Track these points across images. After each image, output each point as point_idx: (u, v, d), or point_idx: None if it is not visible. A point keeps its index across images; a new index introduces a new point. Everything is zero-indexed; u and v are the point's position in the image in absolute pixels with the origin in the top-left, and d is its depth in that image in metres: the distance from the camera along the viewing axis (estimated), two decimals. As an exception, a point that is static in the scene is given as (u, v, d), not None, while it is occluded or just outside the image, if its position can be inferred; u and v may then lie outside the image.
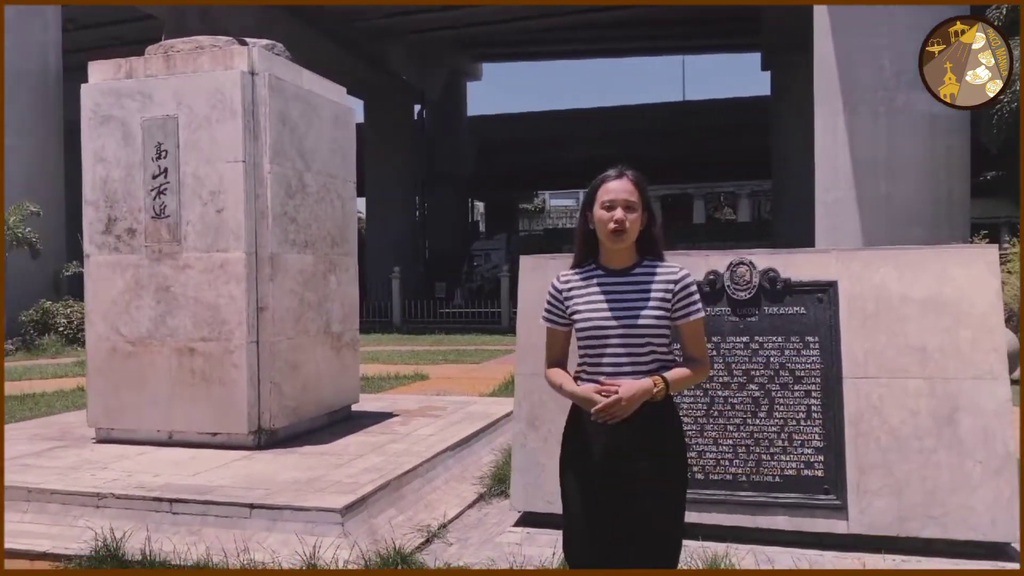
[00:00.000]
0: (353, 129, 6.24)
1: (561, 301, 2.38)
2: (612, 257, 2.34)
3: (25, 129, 17.57)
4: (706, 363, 2.38)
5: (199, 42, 5.38)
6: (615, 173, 2.36)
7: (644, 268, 2.33)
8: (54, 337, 15.46)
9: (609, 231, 2.28)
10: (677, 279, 2.31)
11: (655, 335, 2.26)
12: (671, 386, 2.23)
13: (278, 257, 5.27)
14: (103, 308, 5.44)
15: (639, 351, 2.24)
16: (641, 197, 2.32)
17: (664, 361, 2.28)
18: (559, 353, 2.42)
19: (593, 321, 2.28)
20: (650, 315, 2.24)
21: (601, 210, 2.30)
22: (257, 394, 5.15)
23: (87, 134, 5.44)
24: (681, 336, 2.34)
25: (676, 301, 2.29)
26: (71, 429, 5.97)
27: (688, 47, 40.97)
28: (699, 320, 2.32)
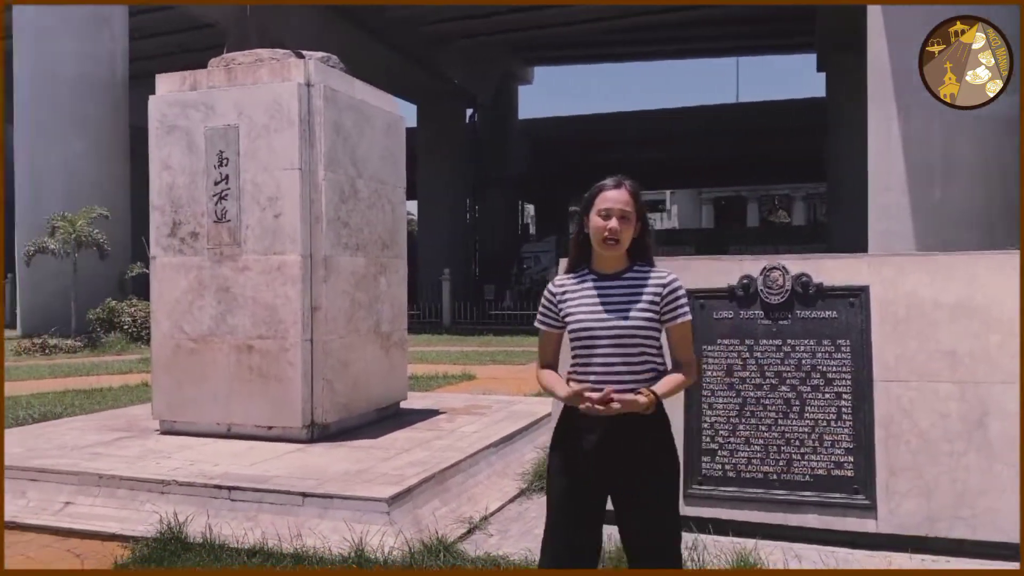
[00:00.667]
0: (403, 137, 6.47)
1: (555, 304, 2.48)
2: (604, 263, 2.44)
3: (93, 135, 18.34)
4: (694, 366, 2.46)
5: (259, 55, 5.66)
6: (613, 183, 2.44)
7: (634, 273, 2.43)
8: (119, 335, 16.09)
9: (602, 239, 2.37)
10: (666, 283, 2.40)
11: (645, 336, 2.35)
12: (661, 397, 2.33)
13: (331, 259, 5.52)
14: (168, 307, 5.76)
15: (631, 352, 2.34)
16: (636, 207, 2.41)
17: (655, 363, 2.38)
18: (551, 356, 2.53)
19: (584, 323, 2.37)
20: (639, 316, 2.34)
21: (597, 217, 2.39)
22: (310, 390, 5.41)
23: (154, 143, 5.77)
24: (670, 339, 2.43)
25: (664, 304, 2.38)
26: (137, 421, 6.31)
27: (742, 48, 40.53)
28: (686, 323, 2.41)
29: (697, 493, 3.84)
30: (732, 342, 3.91)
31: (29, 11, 18.49)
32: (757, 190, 59.64)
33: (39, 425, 6.51)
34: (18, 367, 12.70)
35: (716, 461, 3.85)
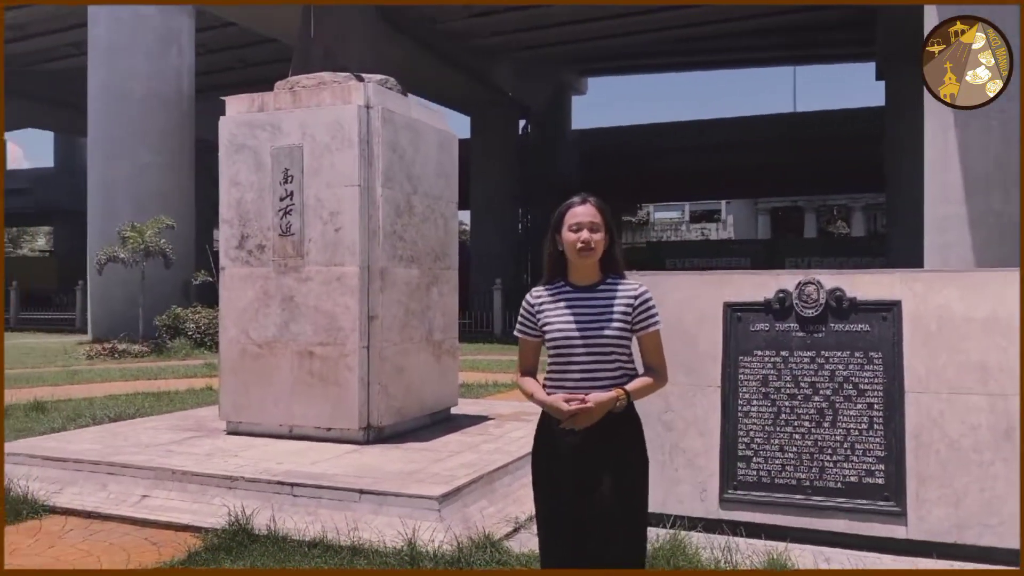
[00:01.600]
0: (455, 153, 6.76)
1: (533, 315, 2.64)
2: (579, 274, 2.61)
3: (161, 148, 19.12)
4: (663, 372, 2.62)
5: (322, 78, 6.01)
6: (579, 200, 2.64)
7: (607, 285, 2.59)
8: (184, 340, 16.73)
9: (577, 249, 2.55)
10: (637, 294, 2.57)
11: (618, 345, 2.52)
12: (632, 396, 2.50)
13: (387, 271, 5.82)
14: (235, 314, 6.13)
15: (604, 359, 2.51)
16: (603, 219, 2.59)
17: (627, 370, 2.55)
18: (530, 363, 2.69)
19: (562, 332, 2.53)
20: (613, 327, 2.51)
21: (569, 232, 2.57)
22: (367, 394, 5.71)
23: (224, 161, 6.16)
24: (641, 346, 2.60)
25: (636, 314, 2.55)
26: (205, 422, 6.70)
27: (800, 57, 40.13)
28: (656, 332, 2.58)
29: (732, 497, 4.01)
30: (768, 353, 4.08)
31: (102, 30, 19.40)
32: (815, 200, 58.76)
33: (115, 424, 6.94)
34: (90, 370, 13.36)
35: (751, 467, 4.01)
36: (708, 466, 4.10)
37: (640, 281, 2.64)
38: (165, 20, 19.34)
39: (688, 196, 60.93)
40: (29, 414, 8.14)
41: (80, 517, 4.77)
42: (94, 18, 19.62)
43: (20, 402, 8.67)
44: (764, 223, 60.31)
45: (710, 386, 4.17)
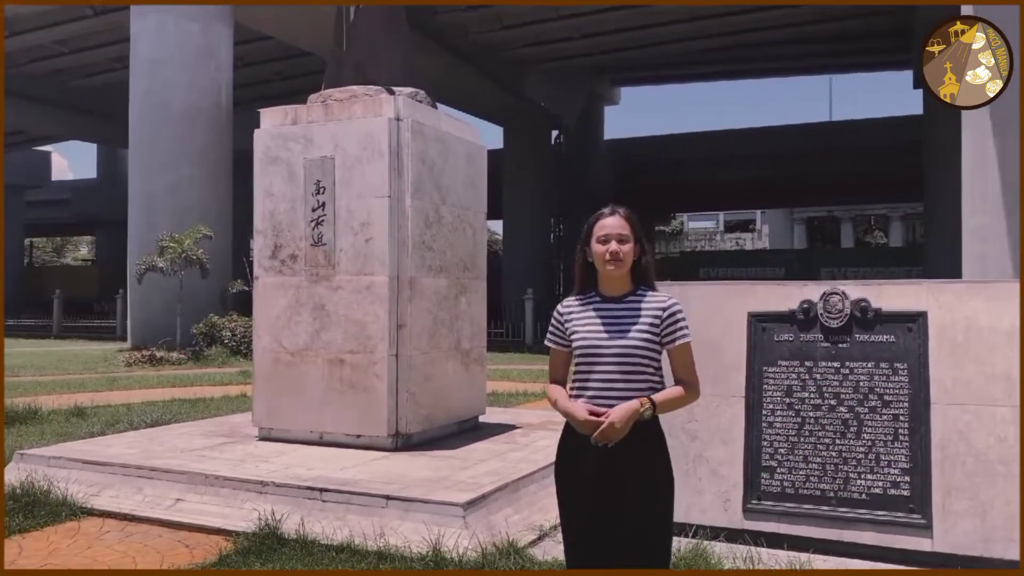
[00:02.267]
0: (484, 165, 6.84)
1: (563, 324, 2.66)
2: (609, 285, 2.62)
3: (199, 160, 19.51)
4: (695, 386, 2.59)
5: (353, 91, 6.13)
6: (608, 211, 2.65)
7: (636, 296, 2.60)
8: (220, 348, 17.02)
9: (605, 260, 2.56)
10: (665, 307, 2.57)
11: (644, 356, 2.51)
12: (658, 407, 2.47)
13: (416, 281, 5.91)
14: (268, 323, 6.26)
15: (627, 370, 2.50)
16: (632, 230, 2.60)
17: (653, 382, 2.53)
18: (560, 372, 2.69)
19: (588, 340, 2.55)
20: (639, 337, 2.51)
21: (597, 244, 2.59)
22: (396, 401, 5.79)
23: (258, 172, 6.30)
24: (672, 360, 2.59)
25: (664, 327, 2.55)
26: (238, 428, 6.83)
27: (835, 66, 39.77)
28: (686, 345, 2.56)
29: (755, 508, 4.01)
30: (792, 364, 4.08)
31: (144, 46, 19.87)
32: (851, 210, 58.03)
33: (151, 430, 7.10)
34: (129, 377, 13.65)
35: (775, 478, 4.01)
36: (732, 476, 4.11)
37: (670, 294, 2.65)
38: (204, 35, 19.75)
39: (723, 206, 60.52)
40: (70, 419, 8.36)
41: (117, 519, 4.90)
42: (136, 33, 20.11)
43: (61, 407, 8.91)
44: (800, 233, 59.69)
45: (734, 396, 4.18)
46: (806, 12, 26.47)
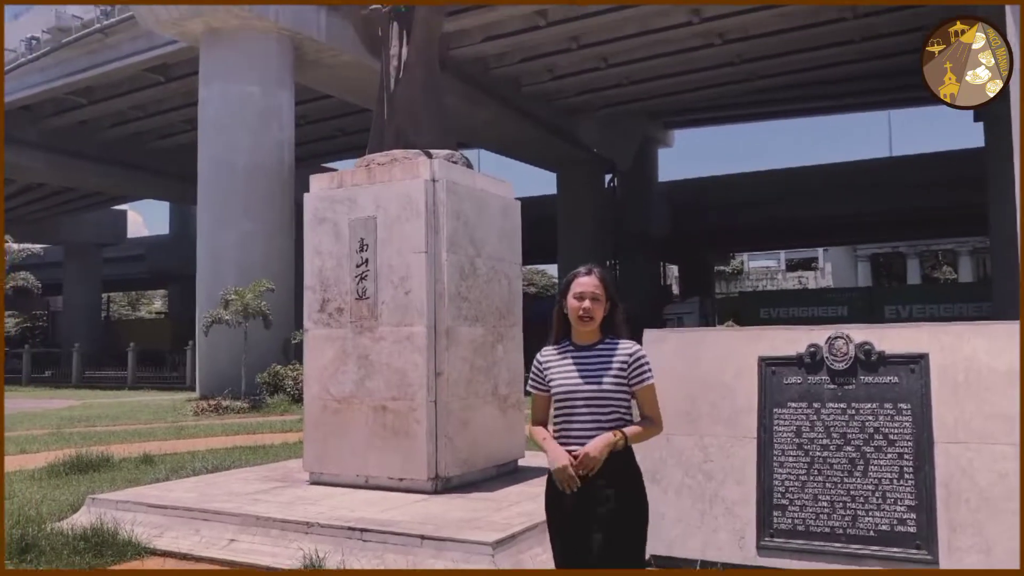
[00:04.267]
0: (518, 218, 7.18)
1: (541, 372, 2.98)
2: (580, 336, 2.95)
3: (263, 216, 20.43)
4: (658, 421, 2.95)
5: (393, 155, 6.57)
6: (585, 271, 2.99)
7: (605, 345, 2.94)
8: (282, 396, 17.62)
9: (578, 317, 2.90)
10: (631, 352, 2.92)
11: (615, 398, 2.85)
12: (630, 439, 2.80)
13: (453, 330, 6.24)
14: (317, 373, 6.66)
15: (603, 412, 2.84)
16: (605, 290, 2.93)
17: (625, 420, 2.87)
18: (542, 415, 3.03)
19: (565, 387, 2.88)
20: (609, 381, 2.85)
21: (573, 299, 2.92)
22: (435, 446, 6.09)
23: (308, 232, 6.76)
24: (638, 400, 2.91)
25: (631, 371, 2.88)
26: (291, 473, 7.20)
27: (894, 101, 39.39)
28: (650, 386, 2.90)
29: (769, 545, 4.16)
30: (801, 405, 4.25)
31: (211, 109, 21.03)
32: (917, 245, 56.79)
33: (212, 475, 7.53)
34: (196, 426, 14.28)
35: (787, 516, 4.17)
36: (745, 514, 4.28)
37: (634, 342, 2.98)
38: (266, 97, 20.81)
39: (783, 244, 59.85)
40: (139, 466, 8.86)
41: (176, 558, 5.28)
42: (204, 98, 21.31)
43: (132, 455, 9.44)
44: (864, 270, 58.52)
45: (747, 437, 4.37)
46: (855, 51, 26.48)
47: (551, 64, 27.45)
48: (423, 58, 6.71)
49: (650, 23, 23.85)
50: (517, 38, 24.58)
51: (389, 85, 6.76)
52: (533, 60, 26.71)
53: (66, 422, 15.35)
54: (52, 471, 8.30)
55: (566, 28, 23.76)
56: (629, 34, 24.53)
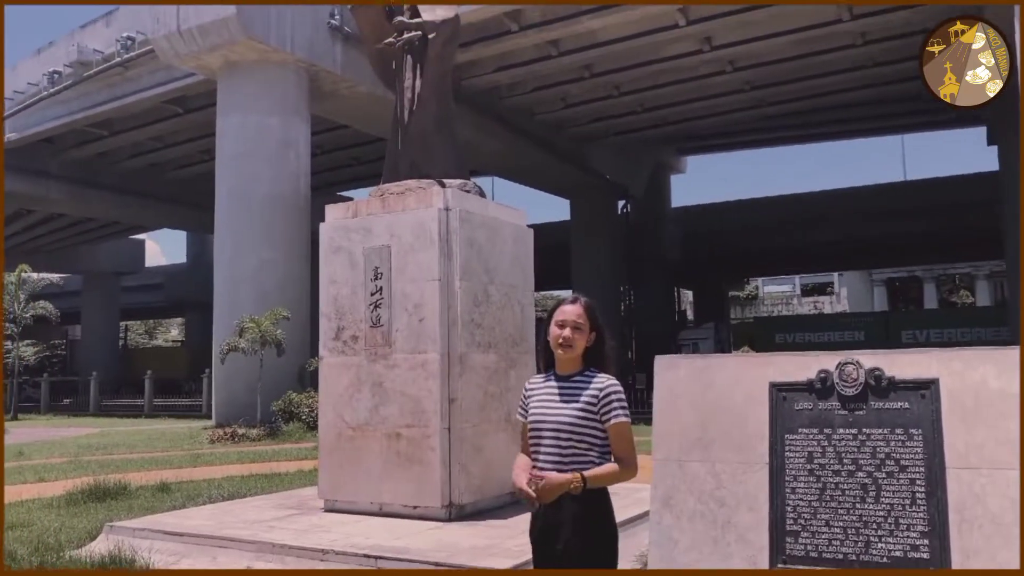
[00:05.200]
0: (531, 245, 7.26)
1: (526, 399, 2.98)
2: (561, 365, 2.93)
3: (279, 244, 20.62)
4: (630, 463, 2.84)
5: (407, 185, 6.68)
6: (571, 299, 2.96)
7: (583, 376, 2.89)
8: (297, 424, 17.66)
9: (557, 344, 2.87)
10: (602, 387, 2.84)
11: (578, 431, 2.78)
12: (589, 481, 2.71)
13: (466, 356, 6.30)
14: (332, 400, 6.72)
15: (562, 445, 2.78)
16: (589, 320, 2.90)
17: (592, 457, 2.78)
18: (525, 442, 2.97)
19: (535, 416, 2.87)
20: (572, 414, 2.79)
21: (554, 327, 2.89)
22: (448, 473, 6.13)
23: (324, 261, 6.87)
24: (610, 437, 2.84)
25: (601, 406, 2.82)
26: (306, 501, 7.24)
27: (907, 125, 39.38)
28: (620, 424, 2.81)
29: (782, 572, 4.16)
30: (812, 431, 4.26)
31: (228, 140, 21.33)
32: (933, 269, 56.42)
33: (228, 503, 7.59)
34: (212, 453, 14.34)
35: (799, 542, 4.16)
36: (758, 541, 4.27)
37: (612, 377, 2.92)
38: (283, 128, 21.09)
39: (798, 269, 59.64)
40: (156, 494, 8.92)
41: (192, 585, 5.32)
42: (221, 129, 21.62)
43: (149, 483, 9.51)
44: (880, 295, 58.14)
45: (758, 463, 4.37)
46: (866, 76, 26.56)
47: (563, 93, 27.67)
48: (436, 90, 6.84)
49: (661, 51, 24.05)
50: (529, 68, 24.82)
51: (403, 117, 6.88)
52: (545, 89, 26.94)
53: (84, 450, 15.47)
54: (70, 499, 8.38)
55: (578, 57, 23.99)
56: (640, 62, 24.73)
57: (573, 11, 20.92)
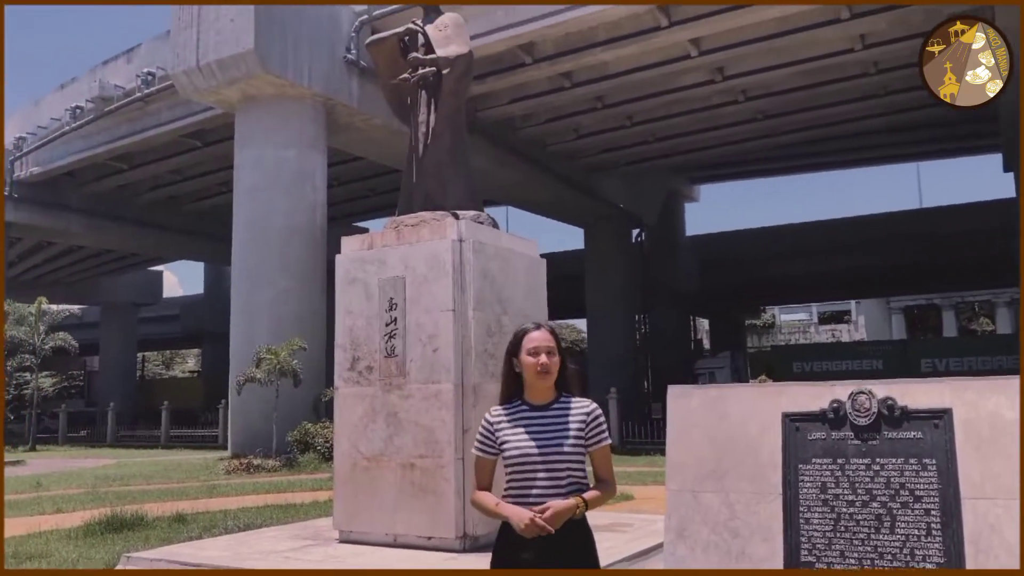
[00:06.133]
0: (543, 276, 7.31)
1: (493, 434, 2.86)
2: (537, 394, 2.88)
3: (296, 275, 20.79)
4: (613, 484, 2.88)
5: (422, 217, 6.76)
6: (534, 326, 2.96)
7: (561, 404, 2.87)
8: (313, 454, 17.68)
9: (537, 372, 2.82)
10: (588, 412, 2.86)
11: (573, 462, 2.78)
12: (588, 505, 2.75)
13: (480, 386, 6.33)
14: (347, 430, 6.76)
15: (560, 476, 2.76)
16: (556, 343, 2.90)
17: (579, 481, 2.79)
18: (487, 480, 2.90)
19: (520, 450, 2.77)
20: (569, 444, 2.78)
21: (527, 356, 2.85)
22: (463, 504, 6.13)
23: (340, 292, 6.94)
24: (593, 461, 2.85)
25: (589, 431, 2.83)
26: (321, 531, 7.26)
27: (923, 153, 39.36)
28: (606, 447, 2.84)
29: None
30: (825, 461, 4.25)
31: (245, 173, 21.62)
32: (952, 297, 56.03)
33: (243, 534, 7.61)
34: (228, 484, 14.38)
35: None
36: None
37: (589, 400, 2.94)
38: (300, 161, 21.37)
39: (814, 298, 59.41)
40: (172, 525, 8.97)
41: (208, 617, 5.34)
42: (239, 162, 21.93)
43: (165, 514, 9.55)
44: (898, 323, 57.74)
45: (771, 494, 4.36)
46: (879, 104, 26.62)
47: (576, 123, 27.89)
48: (450, 124, 6.95)
49: (673, 82, 24.23)
50: (542, 99, 25.05)
51: (418, 150, 6.99)
52: (558, 120, 27.17)
53: (101, 481, 15.55)
54: (88, 530, 8.43)
55: (590, 89, 24.21)
56: (652, 93, 24.91)
57: (585, 43, 21.15)
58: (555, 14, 19.82)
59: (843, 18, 19.46)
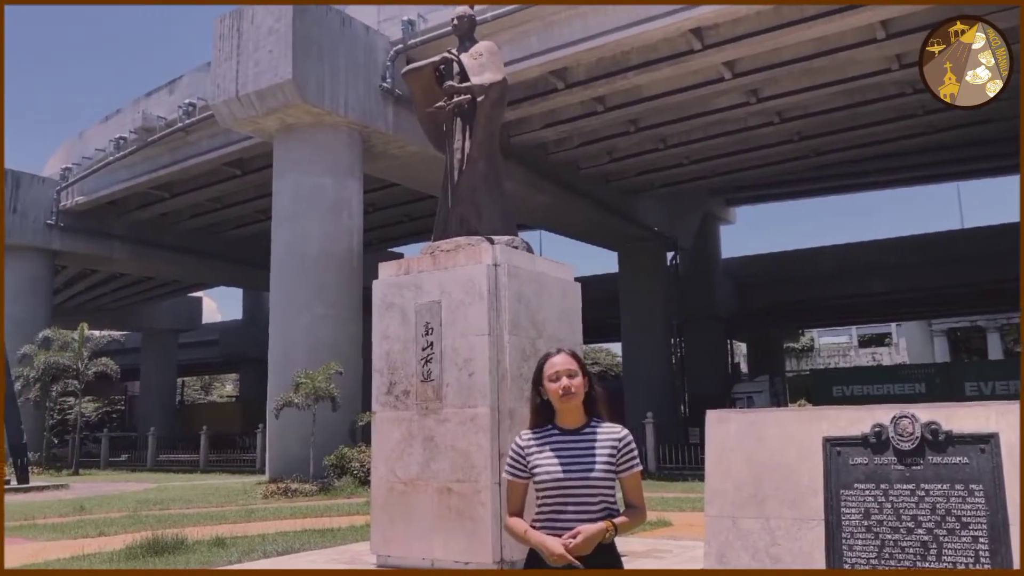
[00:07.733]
0: (579, 300, 7.32)
1: (524, 458, 2.86)
2: (567, 418, 2.87)
3: (332, 301, 21.01)
4: (643, 510, 2.88)
5: (458, 242, 6.83)
6: (555, 351, 2.97)
7: (591, 427, 2.87)
8: (349, 479, 17.73)
9: (560, 395, 2.83)
10: (620, 437, 2.85)
11: (604, 486, 2.78)
12: (618, 530, 2.75)
13: (515, 410, 6.34)
14: (384, 454, 6.80)
15: (591, 500, 2.76)
16: (579, 365, 2.90)
17: (610, 506, 2.79)
18: (519, 502, 2.90)
19: (551, 475, 2.76)
20: (600, 470, 2.77)
21: (549, 382, 2.86)
22: (499, 529, 6.11)
23: (377, 317, 7.02)
24: (624, 486, 2.85)
25: (620, 457, 2.83)
26: (359, 556, 7.29)
27: (963, 173, 38.74)
28: (637, 473, 2.85)
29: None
30: (868, 487, 4.18)
31: (283, 201, 21.96)
32: (997, 318, 54.76)
33: (281, 557, 7.67)
34: (265, 508, 14.48)
35: (858, 601, 4.06)
36: (815, 600, 4.18)
37: (620, 425, 2.94)
38: (336, 188, 21.66)
39: (854, 320, 58.41)
40: (212, 549, 9.04)
41: (247, 640, 5.37)
42: (277, 190, 22.29)
43: (204, 538, 9.65)
44: (940, 345, 56.53)
45: (813, 519, 4.30)
46: (917, 124, 26.31)
47: (610, 147, 27.93)
48: (485, 150, 7.02)
49: (707, 104, 24.19)
50: (576, 124, 25.16)
51: (453, 176, 7.07)
52: (592, 144, 27.23)
53: (142, 505, 15.75)
54: (129, 553, 8.54)
55: (624, 112, 24.26)
56: (686, 116, 24.89)
57: (618, 67, 21.22)
58: (589, 39, 19.92)
59: (879, 38, 19.32)
